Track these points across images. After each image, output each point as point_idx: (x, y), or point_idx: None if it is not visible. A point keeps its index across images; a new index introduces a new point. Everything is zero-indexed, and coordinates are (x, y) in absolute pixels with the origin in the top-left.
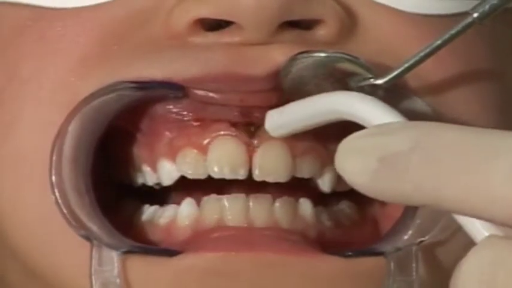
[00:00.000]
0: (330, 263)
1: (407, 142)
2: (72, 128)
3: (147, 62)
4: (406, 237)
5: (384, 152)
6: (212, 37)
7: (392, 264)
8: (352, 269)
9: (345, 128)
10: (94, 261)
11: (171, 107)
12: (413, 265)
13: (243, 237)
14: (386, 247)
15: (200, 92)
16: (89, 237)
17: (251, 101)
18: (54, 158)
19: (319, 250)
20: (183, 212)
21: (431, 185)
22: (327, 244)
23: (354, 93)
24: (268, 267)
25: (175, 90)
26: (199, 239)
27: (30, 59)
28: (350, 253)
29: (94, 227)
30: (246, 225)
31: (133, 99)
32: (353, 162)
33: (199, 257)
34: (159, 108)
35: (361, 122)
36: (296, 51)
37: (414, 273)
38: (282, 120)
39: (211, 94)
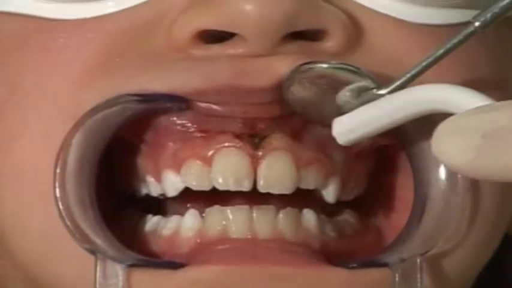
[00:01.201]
0: (335, 274)
1: (511, 116)
2: (76, 141)
3: (150, 74)
4: (410, 247)
5: (487, 128)
6: (215, 49)
7: (397, 276)
8: (356, 281)
9: None
10: (99, 275)
11: (174, 118)
12: (418, 276)
13: (247, 250)
14: (391, 258)
15: (203, 105)
16: (93, 250)
17: (255, 113)
18: (58, 171)
19: (324, 262)
20: (187, 224)
21: None
22: (330, 254)
23: (441, 85)
24: (273, 279)
25: (178, 102)
26: (203, 251)
27: (32, 71)
28: (354, 265)
29: (98, 240)
30: (249, 236)
31: (136, 111)
32: (453, 142)
33: (203, 270)
34: (163, 120)
35: (455, 111)
36: (299, 63)
37: (419, 284)
38: (353, 123)
39: (214, 106)
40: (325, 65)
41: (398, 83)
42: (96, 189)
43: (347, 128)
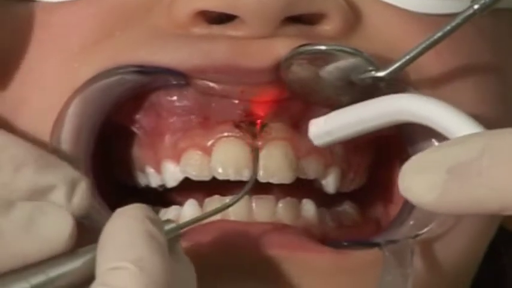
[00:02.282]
0: (326, 257)
1: (474, 149)
2: (72, 111)
3: (150, 47)
4: (402, 230)
5: (451, 163)
6: (216, 29)
7: (387, 256)
8: (348, 263)
9: None
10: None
11: (175, 98)
12: (409, 258)
13: (240, 229)
14: (382, 239)
15: (201, 82)
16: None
17: (252, 93)
18: (52, 140)
19: (315, 241)
20: (186, 213)
21: (506, 186)
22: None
23: (413, 95)
24: (266, 261)
25: (177, 76)
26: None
27: (34, 46)
28: (345, 243)
29: (92, 209)
30: None
31: (136, 84)
32: (419, 180)
33: (194, 244)
34: (164, 102)
35: (425, 122)
36: (298, 44)
37: (410, 266)
38: (330, 126)
39: (212, 84)
40: (323, 47)
41: (397, 64)
42: (98, 183)
43: (323, 130)
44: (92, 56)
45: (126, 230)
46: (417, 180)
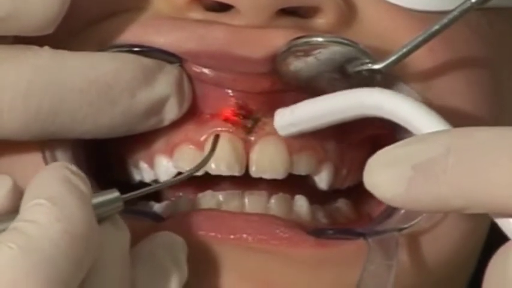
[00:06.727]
0: (309, 249)
1: (440, 147)
2: None
3: (145, 29)
4: (388, 223)
5: (417, 159)
6: (212, 16)
7: (372, 246)
8: (331, 255)
9: (341, 126)
10: None
11: None
12: (394, 250)
13: (227, 220)
14: (368, 230)
15: (195, 67)
16: None
17: (244, 83)
18: None
19: (300, 233)
20: (179, 209)
21: (470, 184)
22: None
23: (378, 89)
24: (250, 252)
25: (171, 57)
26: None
27: None
28: (330, 231)
29: None
30: None
31: None
32: (385, 175)
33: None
34: None
35: (389, 117)
36: (293, 36)
37: (394, 258)
38: (294, 117)
39: (204, 70)
40: (321, 38)
41: (395, 57)
42: (93, 178)
43: (288, 121)
44: (90, 36)
45: (44, 176)
46: (383, 175)
